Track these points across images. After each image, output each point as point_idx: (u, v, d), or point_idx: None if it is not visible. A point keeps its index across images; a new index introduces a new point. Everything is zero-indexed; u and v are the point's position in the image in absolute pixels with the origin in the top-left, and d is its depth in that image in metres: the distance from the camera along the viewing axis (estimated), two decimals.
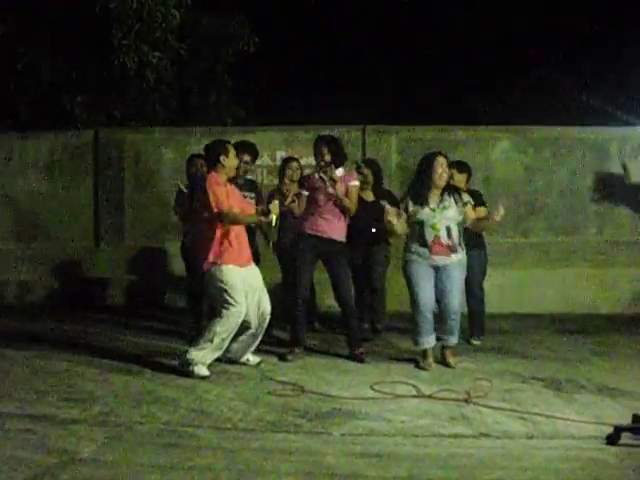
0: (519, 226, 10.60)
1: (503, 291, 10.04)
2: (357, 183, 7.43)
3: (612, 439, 4.68)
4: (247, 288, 6.63)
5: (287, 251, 8.45)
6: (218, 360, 6.61)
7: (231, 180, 6.98)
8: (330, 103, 15.15)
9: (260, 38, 12.76)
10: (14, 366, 6.68)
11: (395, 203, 8.30)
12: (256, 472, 4.18)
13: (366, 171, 8.36)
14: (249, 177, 8.23)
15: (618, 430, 4.70)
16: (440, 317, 6.93)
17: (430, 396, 5.84)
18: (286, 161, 8.73)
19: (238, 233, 6.70)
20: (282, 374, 6.58)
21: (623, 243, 10.52)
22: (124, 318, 9.32)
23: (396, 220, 6.75)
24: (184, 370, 6.39)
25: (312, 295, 8.38)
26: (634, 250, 10.43)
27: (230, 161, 6.78)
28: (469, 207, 6.90)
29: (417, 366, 6.89)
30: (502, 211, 6.75)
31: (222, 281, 6.48)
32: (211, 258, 6.54)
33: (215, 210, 6.49)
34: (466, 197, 6.92)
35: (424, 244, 6.76)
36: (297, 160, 8.70)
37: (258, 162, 10.33)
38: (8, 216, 10.95)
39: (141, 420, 5.15)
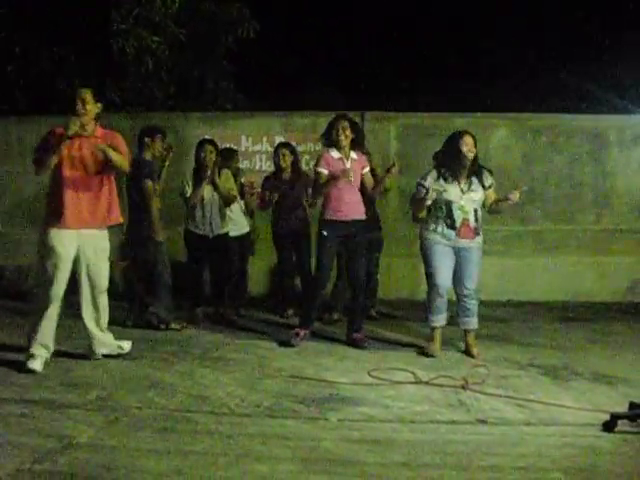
0: (517, 214, 10.58)
1: (501, 279, 10.06)
2: (368, 168, 7.41)
3: (608, 426, 4.69)
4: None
5: (285, 239, 8.48)
6: (215, 346, 6.61)
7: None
8: (329, 89, 15.17)
9: (260, 23, 12.72)
10: (11, 350, 6.67)
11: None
12: (253, 457, 4.18)
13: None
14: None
15: (614, 417, 4.72)
16: (459, 300, 6.95)
17: (427, 382, 5.85)
18: (277, 147, 8.83)
19: None
20: (279, 360, 6.59)
21: (621, 231, 10.52)
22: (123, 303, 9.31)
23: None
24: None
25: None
26: (632, 238, 10.44)
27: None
28: (491, 190, 6.88)
29: (422, 353, 6.88)
30: (518, 194, 6.73)
31: None
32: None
33: None
34: (490, 179, 6.87)
35: (452, 226, 6.72)
36: (287, 146, 8.75)
37: (257, 147, 10.38)
38: (6, 202, 10.92)
39: (138, 405, 5.15)
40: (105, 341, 6.46)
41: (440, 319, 6.93)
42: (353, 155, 7.24)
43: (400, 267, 9.98)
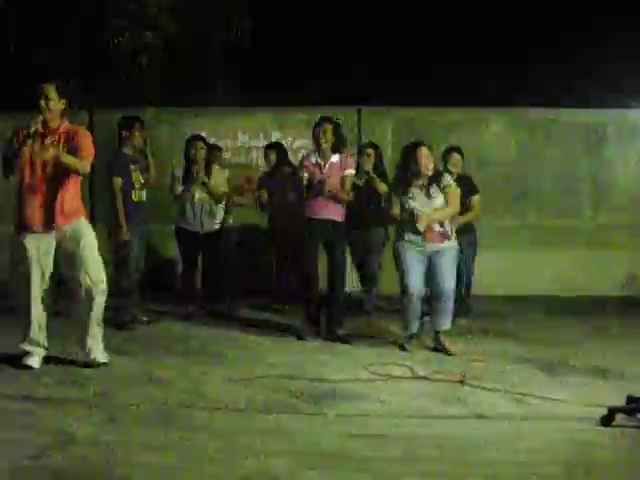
0: (513, 208, 10.60)
1: (497, 273, 10.04)
2: (352, 171, 7.40)
3: (606, 420, 4.70)
4: None
5: (282, 234, 8.48)
6: (211, 342, 6.60)
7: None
8: (325, 84, 15.13)
9: (255, 19, 12.71)
10: (8, 346, 6.66)
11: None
12: (250, 452, 4.18)
13: (370, 151, 8.35)
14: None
15: (612, 411, 4.72)
16: (431, 301, 6.95)
17: (425, 377, 5.86)
18: (265, 148, 8.93)
19: None
20: (275, 355, 6.59)
21: (617, 226, 10.52)
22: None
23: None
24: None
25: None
26: (628, 232, 10.44)
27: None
28: (448, 191, 6.85)
29: (401, 348, 6.89)
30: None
31: None
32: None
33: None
34: (445, 180, 6.87)
35: (417, 232, 6.74)
36: (272, 147, 8.93)
37: (253, 143, 10.37)
38: (4, 197, 10.89)
39: (136, 401, 5.15)
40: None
41: (414, 326, 6.98)
42: (334, 159, 7.26)
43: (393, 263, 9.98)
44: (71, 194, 6.13)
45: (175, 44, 12.12)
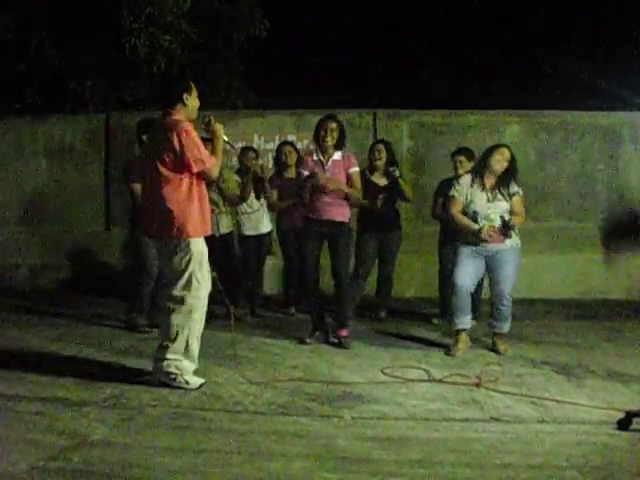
0: (530, 211, 10.46)
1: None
2: (357, 168, 7.35)
3: (623, 424, 4.68)
4: None
5: (289, 237, 8.49)
6: (228, 345, 6.60)
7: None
8: (341, 87, 15.15)
9: (271, 22, 12.72)
10: (25, 349, 6.70)
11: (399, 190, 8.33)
12: (267, 455, 4.19)
13: (380, 147, 8.34)
14: None
15: (629, 415, 4.70)
16: (493, 303, 6.96)
17: (441, 380, 5.85)
18: (280, 145, 8.87)
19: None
20: (292, 358, 6.59)
21: (635, 228, 10.47)
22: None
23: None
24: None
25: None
26: None
27: (194, 100, 5.71)
28: (516, 198, 6.90)
29: (447, 353, 6.85)
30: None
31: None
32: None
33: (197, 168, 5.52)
34: (514, 187, 6.91)
35: (477, 238, 6.76)
36: (290, 144, 8.83)
37: (269, 146, 10.39)
38: (19, 200, 10.97)
39: (152, 403, 5.17)
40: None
41: (464, 322, 6.94)
42: (336, 156, 7.23)
43: (413, 265, 9.96)
44: None
45: (192, 47, 12.14)
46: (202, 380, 5.62)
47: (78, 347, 6.81)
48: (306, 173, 7.17)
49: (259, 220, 8.59)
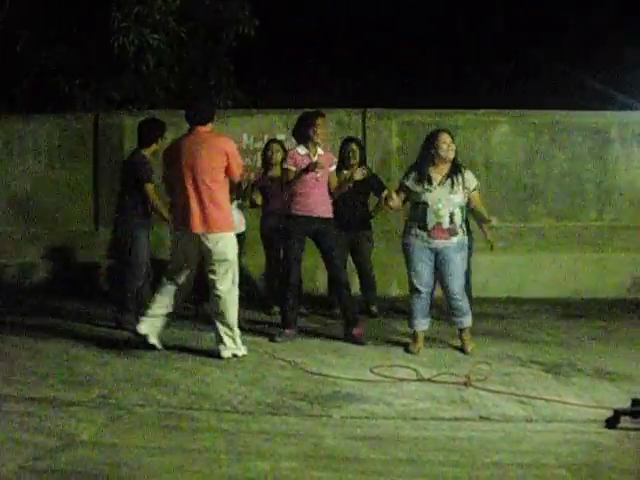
0: (519, 210, 10.60)
1: (503, 275, 10.06)
2: (334, 167, 7.47)
3: (611, 422, 4.68)
4: None
5: (271, 235, 8.48)
6: (216, 344, 6.60)
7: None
8: (330, 86, 15.14)
9: (260, 20, 12.68)
10: (13, 348, 6.69)
11: (379, 182, 8.35)
12: (256, 454, 4.18)
13: (354, 147, 8.37)
14: None
15: (617, 413, 4.71)
16: (447, 300, 6.92)
17: (430, 379, 5.85)
18: (268, 143, 8.84)
19: None
20: (281, 357, 6.58)
21: (622, 228, 10.52)
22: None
23: (396, 202, 6.76)
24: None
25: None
26: (634, 235, 10.43)
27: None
28: (475, 193, 6.86)
29: (406, 350, 6.89)
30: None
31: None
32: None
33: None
34: (474, 182, 6.85)
35: (424, 228, 6.71)
36: (279, 142, 8.81)
37: (258, 145, 10.37)
38: (8, 200, 10.93)
39: (141, 403, 5.15)
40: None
41: (422, 323, 6.94)
42: (320, 152, 7.27)
43: (401, 264, 9.95)
44: None
45: (182, 46, 12.11)
46: None
47: (66, 346, 6.79)
48: (293, 169, 7.18)
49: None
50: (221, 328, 6.45)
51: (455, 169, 6.77)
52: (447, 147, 6.68)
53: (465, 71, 15.47)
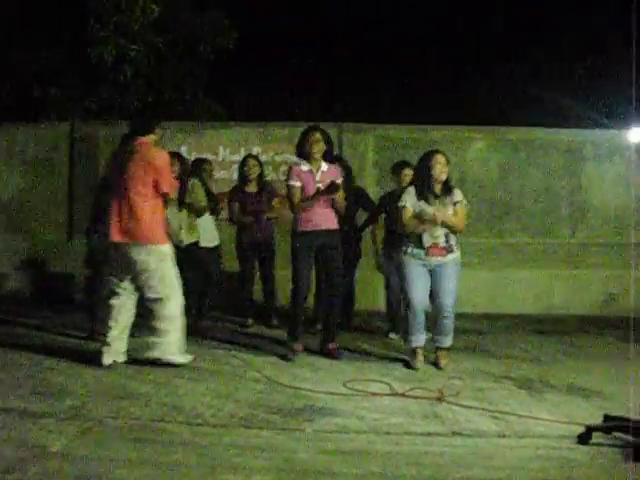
0: (493, 227, 10.66)
1: (476, 291, 10.09)
2: (340, 180, 7.23)
3: (583, 438, 4.70)
4: None
5: (246, 248, 8.50)
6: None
7: None
8: (307, 100, 15.16)
9: (238, 33, 12.69)
10: None
11: (368, 199, 8.39)
12: (227, 468, 4.15)
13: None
14: None
15: (589, 429, 4.73)
16: (434, 317, 6.93)
17: (403, 394, 5.84)
18: (244, 158, 8.85)
19: None
20: (254, 370, 6.55)
21: (596, 245, 10.60)
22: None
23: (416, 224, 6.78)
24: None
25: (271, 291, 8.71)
26: (607, 252, 10.52)
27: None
28: (461, 206, 6.86)
29: (407, 366, 6.88)
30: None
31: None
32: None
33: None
34: (460, 195, 6.87)
35: (420, 247, 6.74)
36: (255, 157, 8.83)
37: (234, 158, 10.37)
38: None
39: (112, 415, 5.10)
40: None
41: (420, 339, 6.94)
42: (324, 167, 7.16)
43: (375, 279, 9.96)
44: None
45: (160, 57, 12.09)
46: None
47: (38, 357, 6.72)
48: (298, 184, 7.07)
49: (210, 232, 8.64)
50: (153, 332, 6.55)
51: (446, 189, 6.82)
52: (441, 167, 6.72)
53: (441, 86, 15.54)
